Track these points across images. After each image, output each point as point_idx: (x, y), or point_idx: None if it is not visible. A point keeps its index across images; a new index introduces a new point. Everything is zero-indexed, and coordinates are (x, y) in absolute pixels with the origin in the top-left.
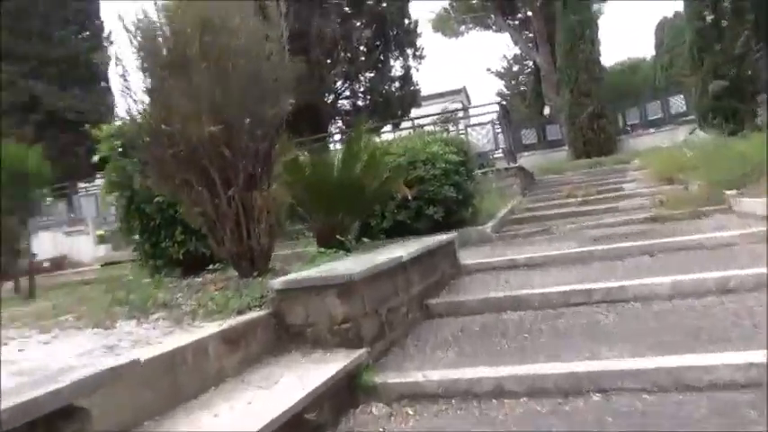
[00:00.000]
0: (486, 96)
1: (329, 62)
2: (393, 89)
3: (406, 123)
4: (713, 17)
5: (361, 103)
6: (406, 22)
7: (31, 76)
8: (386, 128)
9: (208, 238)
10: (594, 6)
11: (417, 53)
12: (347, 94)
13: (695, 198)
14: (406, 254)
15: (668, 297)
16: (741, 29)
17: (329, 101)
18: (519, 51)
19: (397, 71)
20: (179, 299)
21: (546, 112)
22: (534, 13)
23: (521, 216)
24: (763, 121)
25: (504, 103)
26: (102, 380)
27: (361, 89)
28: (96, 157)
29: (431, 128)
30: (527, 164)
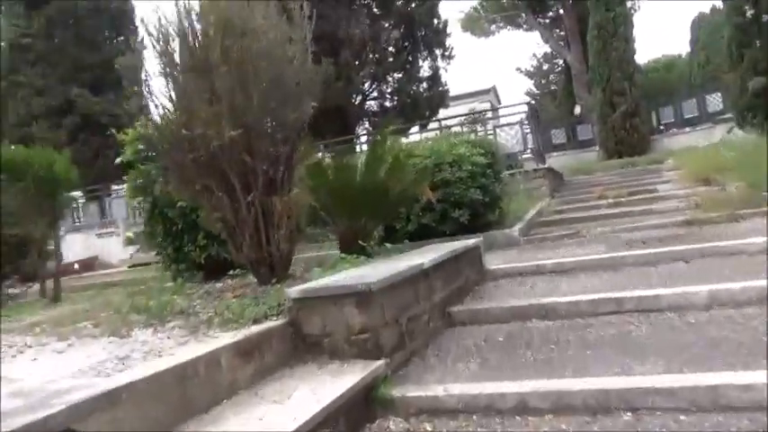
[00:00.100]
0: (516, 96)
1: (357, 63)
2: (421, 90)
3: (433, 124)
4: (753, 12)
5: (388, 105)
6: (435, 22)
7: (68, 80)
8: (413, 129)
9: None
10: (629, 2)
11: (446, 53)
12: (375, 95)
13: (733, 200)
14: (428, 260)
15: (705, 307)
16: None
17: (357, 102)
18: (549, 50)
19: (426, 72)
20: (196, 306)
21: (577, 111)
22: (566, 11)
23: (549, 219)
24: None
25: (533, 102)
26: (98, 404)
27: (389, 90)
28: (118, 160)
29: (458, 129)
30: (556, 164)
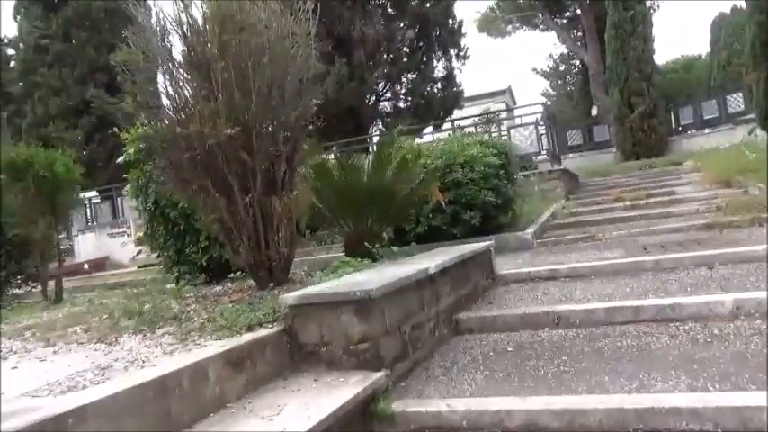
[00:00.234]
0: (532, 97)
1: (371, 64)
2: (435, 90)
3: (446, 125)
4: None
5: (402, 105)
6: (450, 22)
7: (84, 81)
8: (426, 129)
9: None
10: (648, 2)
11: (461, 54)
12: (388, 95)
13: (756, 203)
14: (434, 265)
15: (731, 317)
16: None
17: (370, 103)
18: (566, 50)
19: (440, 72)
20: (191, 311)
21: (594, 112)
22: (583, 10)
23: (564, 221)
24: None
25: (549, 103)
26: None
27: (403, 91)
28: (120, 159)
29: (471, 129)
30: (572, 166)
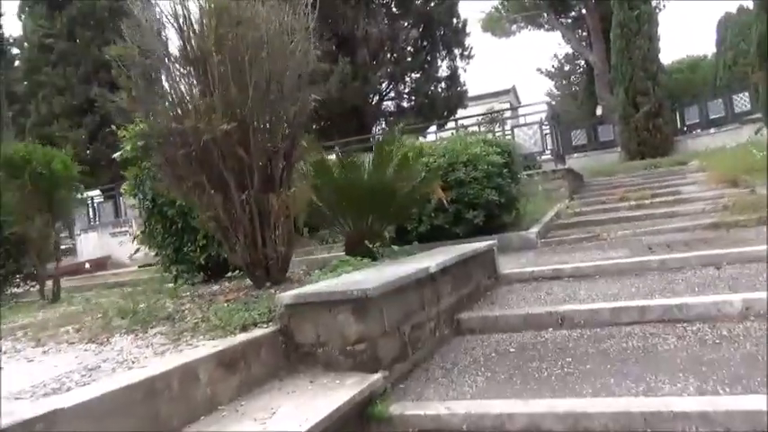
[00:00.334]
0: (536, 97)
1: (374, 63)
2: (439, 90)
3: (450, 124)
4: None
5: (406, 105)
6: (454, 21)
7: (89, 80)
8: (430, 129)
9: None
10: (654, 1)
11: (465, 53)
12: (392, 95)
13: (764, 202)
14: (435, 264)
15: (740, 318)
16: None
17: (374, 102)
18: (571, 50)
19: (444, 72)
20: (185, 311)
21: (598, 111)
22: (588, 10)
23: (568, 221)
24: None
25: (553, 103)
26: None
27: (407, 90)
28: (116, 155)
29: (475, 128)
30: (576, 166)
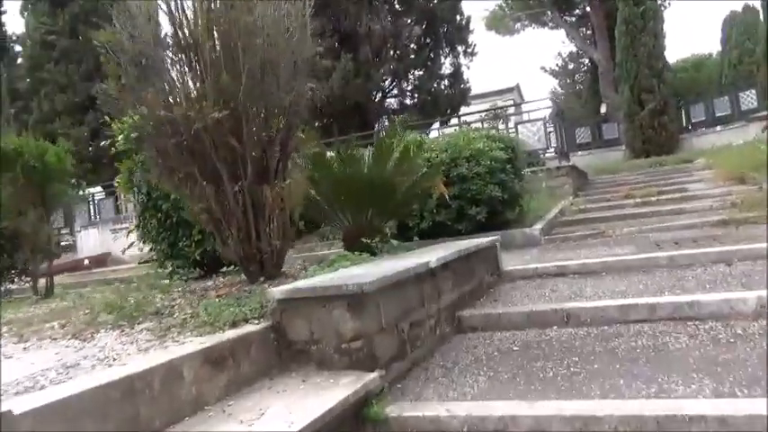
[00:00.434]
0: (540, 95)
1: (377, 60)
2: (442, 87)
3: (453, 121)
4: None
5: (408, 102)
6: (457, 18)
7: (91, 77)
8: (433, 125)
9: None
10: None
11: (469, 50)
12: (395, 92)
13: None
14: (435, 259)
15: (754, 316)
16: None
17: (376, 99)
18: (575, 49)
19: (447, 69)
20: (174, 306)
21: (603, 110)
22: (593, 8)
23: (572, 218)
24: None
25: (559, 99)
26: None
27: (410, 87)
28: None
29: (478, 125)
30: (581, 163)
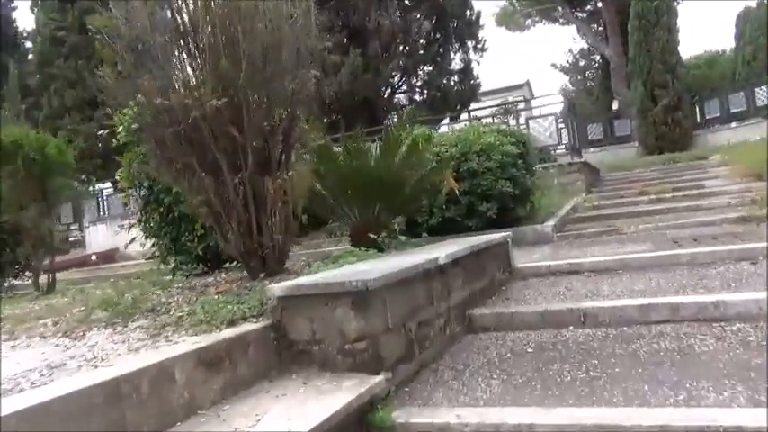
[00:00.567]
0: (551, 92)
1: (386, 55)
2: (452, 83)
3: (463, 116)
4: None
5: (418, 98)
6: (467, 13)
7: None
8: (443, 121)
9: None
10: None
11: (479, 46)
12: (404, 88)
13: None
14: (444, 255)
15: None
16: None
17: (385, 95)
18: (586, 45)
19: (457, 65)
20: (171, 303)
21: (614, 106)
22: (605, 3)
23: (585, 215)
24: None
25: (569, 96)
26: None
27: (419, 83)
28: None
29: (489, 120)
30: (592, 160)
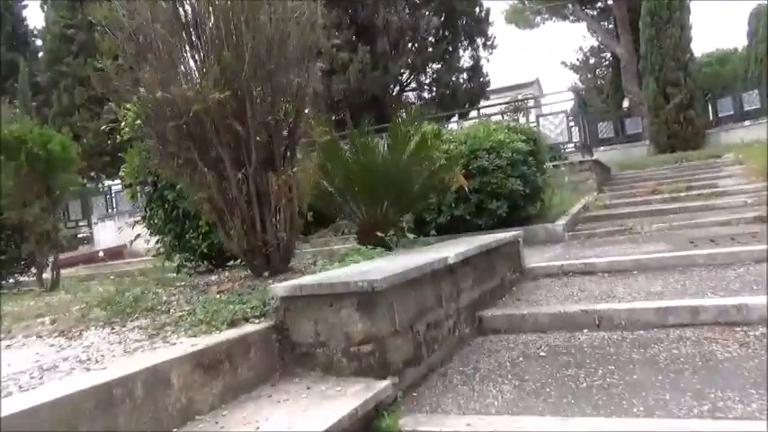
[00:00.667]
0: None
1: (395, 53)
2: (461, 81)
3: (472, 113)
4: None
5: (426, 96)
6: (476, 10)
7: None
8: (452, 118)
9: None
10: None
11: (488, 43)
12: (413, 85)
13: None
14: (454, 254)
15: None
16: None
17: (394, 93)
18: (596, 43)
19: (466, 62)
20: (172, 302)
21: (625, 104)
22: (616, 0)
23: (597, 214)
24: None
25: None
26: None
27: (428, 81)
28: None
29: (498, 117)
30: (603, 159)
